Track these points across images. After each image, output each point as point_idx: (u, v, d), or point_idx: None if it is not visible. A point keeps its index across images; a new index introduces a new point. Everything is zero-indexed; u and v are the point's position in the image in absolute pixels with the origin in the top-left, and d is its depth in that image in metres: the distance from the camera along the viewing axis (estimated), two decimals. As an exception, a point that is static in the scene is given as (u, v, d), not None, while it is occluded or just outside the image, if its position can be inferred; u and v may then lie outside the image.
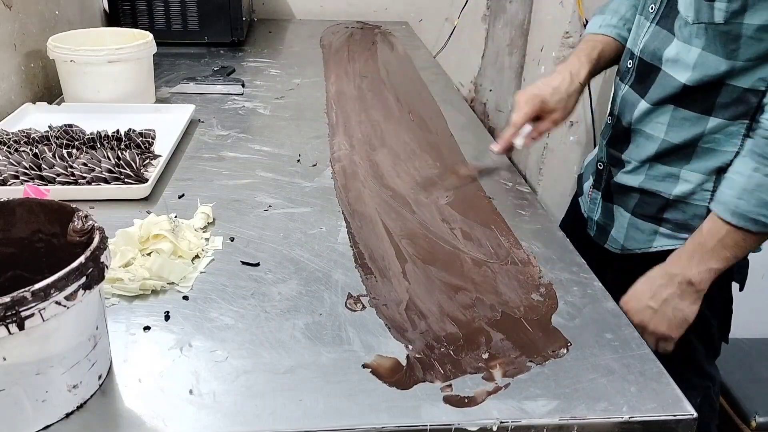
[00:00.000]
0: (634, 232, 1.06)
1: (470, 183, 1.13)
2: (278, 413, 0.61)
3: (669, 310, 0.96)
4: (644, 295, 0.98)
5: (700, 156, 0.97)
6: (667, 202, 1.01)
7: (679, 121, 0.97)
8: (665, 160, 1.01)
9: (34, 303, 0.52)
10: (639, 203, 1.05)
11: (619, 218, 1.09)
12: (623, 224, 1.08)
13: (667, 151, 1.00)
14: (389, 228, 0.95)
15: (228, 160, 1.18)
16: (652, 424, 0.63)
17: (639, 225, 1.05)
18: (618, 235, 1.09)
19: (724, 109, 0.93)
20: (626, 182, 1.06)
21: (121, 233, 0.84)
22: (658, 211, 1.03)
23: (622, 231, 1.08)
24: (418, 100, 1.54)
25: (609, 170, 1.10)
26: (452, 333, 0.73)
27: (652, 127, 1.00)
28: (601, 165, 1.13)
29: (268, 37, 2.17)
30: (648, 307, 0.97)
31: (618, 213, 1.09)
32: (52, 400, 0.58)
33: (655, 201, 1.03)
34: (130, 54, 1.36)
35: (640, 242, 1.06)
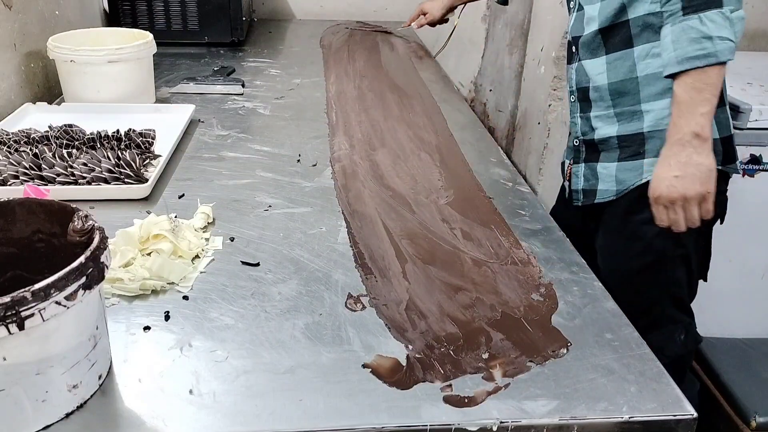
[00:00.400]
0: (624, 173, 1.18)
1: None
2: (278, 413, 0.61)
3: (692, 169, 1.03)
4: (665, 173, 1.05)
5: (644, 83, 1.13)
6: (643, 137, 1.15)
7: (612, 62, 1.15)
8: (622, 99, 1.16)
9: (34, 303, 0.52)
10: (622, 149, 1.18)
11: (604, 172, 1.21)
12: (611, 173, 1.20)
13: (618, 91, 1.16)
14: (389, 228, 0.95)
15: (228, 160, 1.18)
16: (652, 424, 0.63)
17: (626, 166, 1.18)
18: (608, 185, 1.21)
19: (639, 37, 1.11)
20: (605, 134, 1.19)
21: (121, 233, 0.84)
22: (639, 146, 1.16)
23: (611, 179, 1.20)
24: (418, 100, 1.54)
25: (582, 140, 1.24)
26: (452, 333, 0.73)
27: (597, 79, 1.18)
28: (577, 141, 1.26)
29: (268, 37, 2.17)
30: (674, 177, 1.04)
31: (603, 168, 1.22)
32: (52, 400, 0.58)
33: (633, 141, 1.16)
34: (130, 54, 1.36)
35: (633, 178, 1.17)
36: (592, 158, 1.24)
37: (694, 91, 1.02)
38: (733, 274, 1.75)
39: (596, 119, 1.21)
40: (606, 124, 1.19)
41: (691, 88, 1.02)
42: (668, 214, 1.07)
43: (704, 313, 1.79)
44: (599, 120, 1.20)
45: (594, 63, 1.18)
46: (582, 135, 1.25)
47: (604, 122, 1.19)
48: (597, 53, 1.17)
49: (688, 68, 1.02)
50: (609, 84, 1.16)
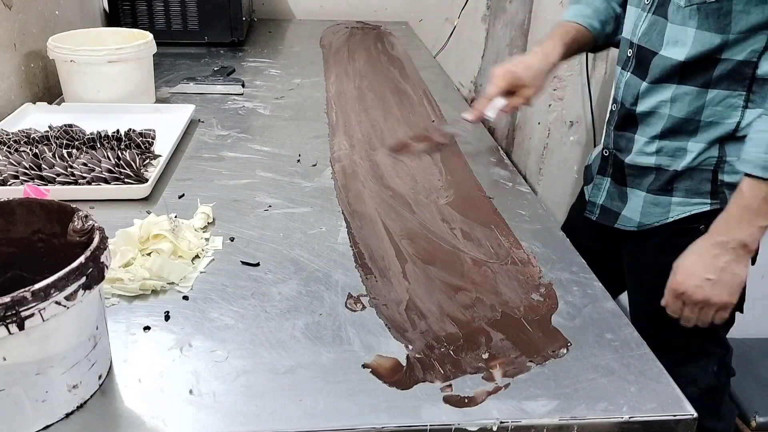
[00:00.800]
0: (651, 208, 1.11)
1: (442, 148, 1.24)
2: (278, 413, 0.61)
3: (728, 276, 0.98)
4: (698, 269, 0.99)
5: (703, 128, 1.04)
6: (676, 174, 1.07)
7: (681, 96, 1.04)
8: (672, 137, 1.07)
9: (34, 303, 0.52)
10: (653, 180, 1.10)
11: (633, 198, 1.14)
12: (638, 203, 1.13)
13: (673, 128, 1.06)
14: (389, 228, 0.95)
15: (228, 160, 1.18)
16: (652, 424, 0.63)
17: (655, 200, 1.11)
18: (632, 213, 1.14)
19: (721, 81, 1.00)
20: (640, 162, 1.11)
21: (121, 233, 0.84)
22: (667, 183, 1.09)
23: (637, 209, 1.13)
24: (418, 101, 1.54)
25: (614, 156, 1.16)
26: (452, 333, 0.73)
27: (656, 105, 1.07)
28: (607, 152, 1.18)
29: (268, 37, 2.17)
30: (706, 280, 0.99)
31: (631, 193, 1.14)
32: (52, 400, 0.58)
33: (665, 175, 1.09)
34: (130, 54, 1.36)
35: (657, 215, 1.11)
36: (619, 179, 1.16)
37: (765, 202, 0.94)
38: (733, 274, 1.75)
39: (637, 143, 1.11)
40: (645, 154, 1.10)
41: (762, 198, 0.94)
42: (684, 309, 1.03)
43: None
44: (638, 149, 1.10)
45: (660, 89, 1.06)
46: (614, 150, 1.16)
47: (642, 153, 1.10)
48: (668, 81, 1.05)
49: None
50: (669, 116, 1.06)
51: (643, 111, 1.08)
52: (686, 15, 0.99)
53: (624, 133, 1.13)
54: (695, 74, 1.02)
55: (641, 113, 1.09)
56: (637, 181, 1.13)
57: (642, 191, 1.12)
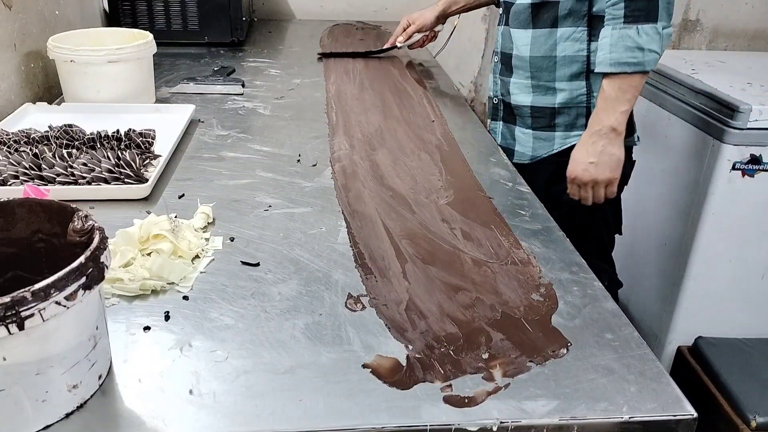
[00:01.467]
0: (539, 143, 1.37)
1: None
2: (278, 413, 0.61)
3: (606, 158, 1.24)
4: (583, 157, 1.25)
5: (561, 65, 1.30)
6: (554, 111, 1.33)
7: (537, 38, 1.30)
8: (539, 75, 1.33)
9: (34, 303, 0.52)
10: (534, 119, 1.36)
11: (521, 136, 1.40)
12: (527, 139, 1.39)
13: (536, 66, 1.32)
14: (389, 228, 0.95)
15: (228, 160, 1.18)
16: (652, 424, 0.63)
17: (540, 135, 1.37)
18: (524, 149, 1.40)
19: (565, 20, 1.27)
20: (520, 102, 1.37)
21: (121, 233, 0.84)
22: (550, 119, 1.35)
23: (528, 144, 1.39)
24: (418, 100, 1.54)
25: (501, 101, 1.42)
26: (452, 333, 0.73)
27: (521, 49, 1.33)
28: (496, 99, 1.44)
29: (268, 37, 2.17)
30: (589, 163, 1.24)
31: (520, 132, 1.40)
32: (52, 400, 0.58)
33: (545, 113, 1.35)
34: (130, 54, 1.36)
35: (546, 148, 1.37)
36: (510, 119, 1.41)
37: (620, 91, 1.19)
38: (733, 274, 1.75)
39: (514, 86, 1.37)
40: (522, 93, 1.36)
41: (617, 88, 1.19)
42: (580, 191, 1.28)
43: (704, 312, 1.80)
44: (516, 87, 1.37)
45: (521, 34, 1.32)
46: (500, 95, 1.42)
47: (520, 90, 1.36)
48: (525, 25, 1.31)
49: (619, 72, 1.18)
50: (531, 57, 1.31)
51: (514, 55, 1.35)
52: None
53: (504, 78, 1.40)
54: (543, 16, 1.28)
55: (515, 57, 1.35)
56: (522, 120, 1.38)
57: (529, 129, 1.37)
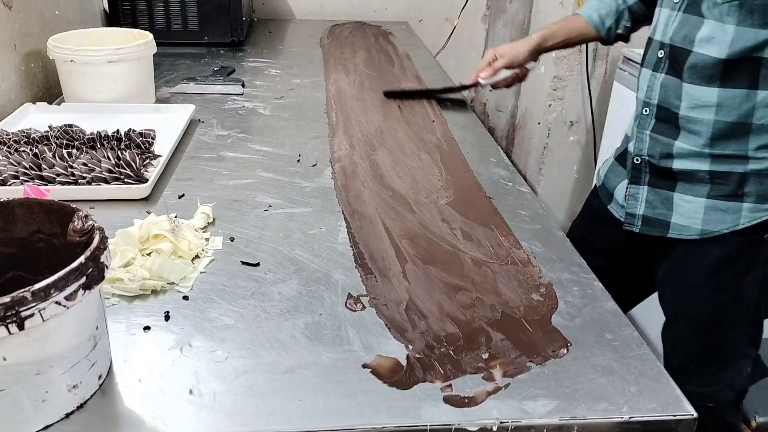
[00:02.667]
0: (716, 214, 1.04)
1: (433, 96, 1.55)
2: (278, 413, 0.61)
3: None
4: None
5: (757, 132, 0.98)
6: (743, 177, 1.01)
7: (727, 100, 0.97)
8: (723, 144, 1.00)
9: (34, 303, 0.52)
10: (713, 186, 1.03)
11: (685, 205, 1.06)
12: (695, 210, 1.05)
13: (722, 133, 0.99)
14: (389, 228, 0.95)
15: (228, 160, 1.18)
16: (652, 424, 0.63)
17: (720, 206, 1.04)
18: (689, 221, 1.06)
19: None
20: (691, 168, 1.04)
21: (121, 233, 0.84)
22: (736, 186, 1.02)
23: (696, 216, 1.06)
24: (418, 100, 1.54)
25: (649, 162, 1.09)
26: (452, 333, 0.73)
27: (700, 109, 1.00)
28: (639, 159, 1.11)
29: (268, 37, 2.17)
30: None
31: (682, 200, 1.07)
32: (52, 400, 0.58)
33: (729, 179, 1.02)
34: (130, 54, 1.36)
35: (727, 222, 1.04)
36: (662, 184, 1.08)
37: None
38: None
39: (680, 150, 1.04)
40: (694, 161, 1.03)
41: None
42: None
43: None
44: (685, 154, 1.04)
45: (701, 92, 0.99)
46: (647, 156, 1.08)
47: (691, 158, 1.03)
48: (709, 81, 0.98)
49: None
50: (715, 122, 0.99)
51: (687, 115, 1.01)
52: (723, 11, 0.94)
53: (661, 138, 1.06)
54: (739, 74, 0.96)
55: (684, 117, 1.02)
56: (687, 187, 1.05)
57: (698, 197, 1.04)
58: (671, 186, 1.07)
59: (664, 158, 1.06)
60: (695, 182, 1.04)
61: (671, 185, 1.07)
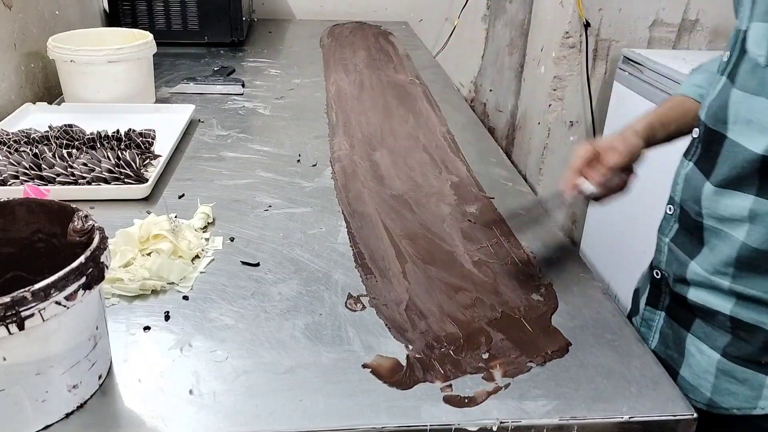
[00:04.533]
0: (729, 383, 0.74)
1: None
2: (278, 413, 0.61)
3: None
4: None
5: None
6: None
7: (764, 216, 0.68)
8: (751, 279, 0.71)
9: (34, 303, 0.52)
10: (733, 340, 0.73)
11: (696, 355, 0.77)
12: (708, 368, 0.76)
13: (751, 264, 0.71)
14: (389, 228, 0.95)
15: (228, 160, 1.18)
16: (652, 424, 0.63)
17: (736, 373, 0.73)
18: (699, 381, 0.77)
19: None
20: (709, 304, 0.75)
21: (121, 233, 0.84)
22: (762, 351, 0.72)
23: (707, 378, 0.76)
24: (419, 100, 1.54)
25: (668, 283, 0.82)
26: (452, 333, 0.73)
27: (726, 221, 0.72)
28: (658, 273, 0.83)
29: (268, 37, 2.17)
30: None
31: (695, 347, 0.78)
32: (52, 400, 0.58)
33: (756, 336, 0.72)
34: (130, 54, 1.36)
35: (741, 399, 0.74)
36: (680, 317, 0.80)
37: None
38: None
39: (695, 275, 0.76)
40: (713, 295, 0.75)
41: None
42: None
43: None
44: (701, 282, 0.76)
45: (733, 200, 0.70)
46: (665, 271, 0.82)
47: (709, 291, 0.75)
48: (744, 184, 0.69)
49: None
50: (743, 244, 0.70)
51: (710, 227, 0.73)
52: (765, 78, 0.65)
53: (679, 253, 0.79)
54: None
55: (707, 230, 0.74)
56: (704, 331, 0.76)
57: (714, 350, 0.75)
58: (688, 323, 0.79)
59: (679, 282, 0.79)
60: (714, 326, 0.76)
61: (688, 321, 0.79)
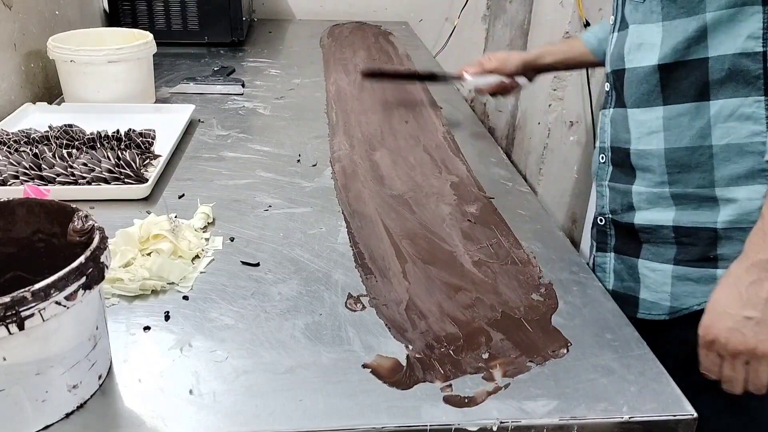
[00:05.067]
0: (686, 286, 0.82)
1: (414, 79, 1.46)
2: (278, 413, 0.61)
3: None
4: (732, 305, 0.71)
5: (720, 159, 0.77)
6: (715, 234, 0.79)
7: (674, 119, 0.80)
8: (683, 179, 0.80)
9: (34, 303, 0.52)
10: (680, 248, 0.82)
11: (652, 275, 0.86)
12: (663, 280, 0.84)
13: (680, 164, 0.80)
14: (389, 228, 0.95)
15: (228, 160, 1.18)
16: (652, 424, 0.63)
17: (690, 274, 0.81)
18: (658, 296, 0.85)
19: (720, 86, 0.76)
20: (652, 220, 0.84)
21: (121, 233, 0.84)
22: (708, 247, 0.80)
23: (664, 289, 0.84)
24: (419, 100, 1.54)
25: (613, 221, 0.92)
26: (452, 333, 0.73)
27: (647, 140, 0.82)
28: (603, 219, 0.93)
29: (268, 37, 2.17)
30: (745, 319, 0.70)
31: (647, 268, 0.86)
32: (52, 400, 0.58)
33: (699, 237, 0.80)
34: (130, 54, 1.36)
35: (698, 295, 0.81)
36: (628, 250, 0.89)
37: None
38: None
39: (639, 196, 0.85)
40: (655, 207, 0.83)
41: None
42: (723, 366, 0.73)
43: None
44: (644, 199, 0.85)
45: (645, 115, 0.82)
46: (610, 213, 0.91)
47: (652, 203, 0.84)
48: (651, 101, 0.82)
49: None
50: (666, 150, 0.80)
51: (637, 149, 0.84)
52: (647, 9, 0.80)
53: (619, 186, 0.89)
54: (681, 83, 0.78)
55: (636, 152, 0.84)
56: (652, 251, 0.85)
57: (665, 264, 0.84)
58: (636, 251, 0.88)
59: (626, 211, 0.88)
60: (660, 243, 0.84)
61: (636, 249, 0.88)
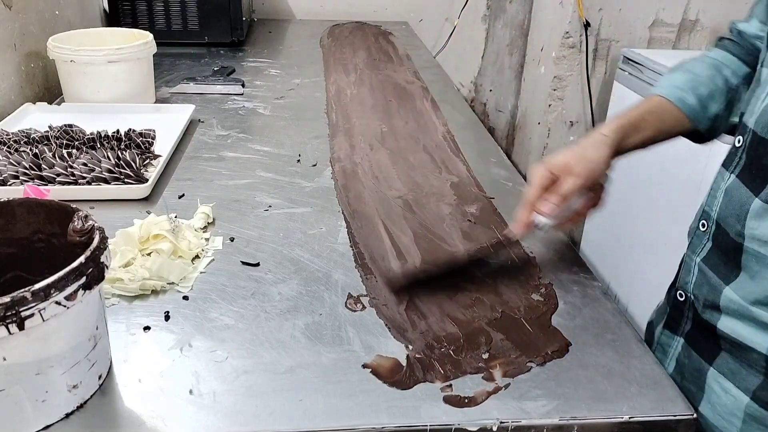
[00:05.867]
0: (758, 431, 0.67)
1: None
2: (278, 413, 0.61)
3: None
4: None
5: None
6: None
7: None
8: None
9: (34, 303, 0.52)
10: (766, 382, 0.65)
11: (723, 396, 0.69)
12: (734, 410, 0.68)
13: None
14: (389, 228, 0.95)
15: (228, 160, 1.18)
16: (652, 424, 0.63)
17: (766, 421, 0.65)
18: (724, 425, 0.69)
19: None
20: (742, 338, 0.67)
21: (121, 233, 0.84)
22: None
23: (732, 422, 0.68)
24: (419, 100, 1.54)
25: (693, 306, 0.74)
26: (452, 333, 0.73)
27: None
28: (683, 295, 0.75)
29: (268, 37, 2.17)
30: None
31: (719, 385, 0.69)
32: (52, 400, 0.58)
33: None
34: (130, 54, 1.36)
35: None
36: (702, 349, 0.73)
37: None
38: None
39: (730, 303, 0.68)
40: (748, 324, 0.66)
41: None
42: None
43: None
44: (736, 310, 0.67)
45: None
46: (692, 294, 0.74)
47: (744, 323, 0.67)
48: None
49: None
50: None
51: (750, 249, 0.64)
52: None
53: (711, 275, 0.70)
54: None
55: (748, 253, 0.65)
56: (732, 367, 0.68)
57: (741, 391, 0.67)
58: (711, 354, 0.71)
59: (709, 308, 0.71)
60: (744, 364, 0.67)
61: (711, 353, 0.71)
